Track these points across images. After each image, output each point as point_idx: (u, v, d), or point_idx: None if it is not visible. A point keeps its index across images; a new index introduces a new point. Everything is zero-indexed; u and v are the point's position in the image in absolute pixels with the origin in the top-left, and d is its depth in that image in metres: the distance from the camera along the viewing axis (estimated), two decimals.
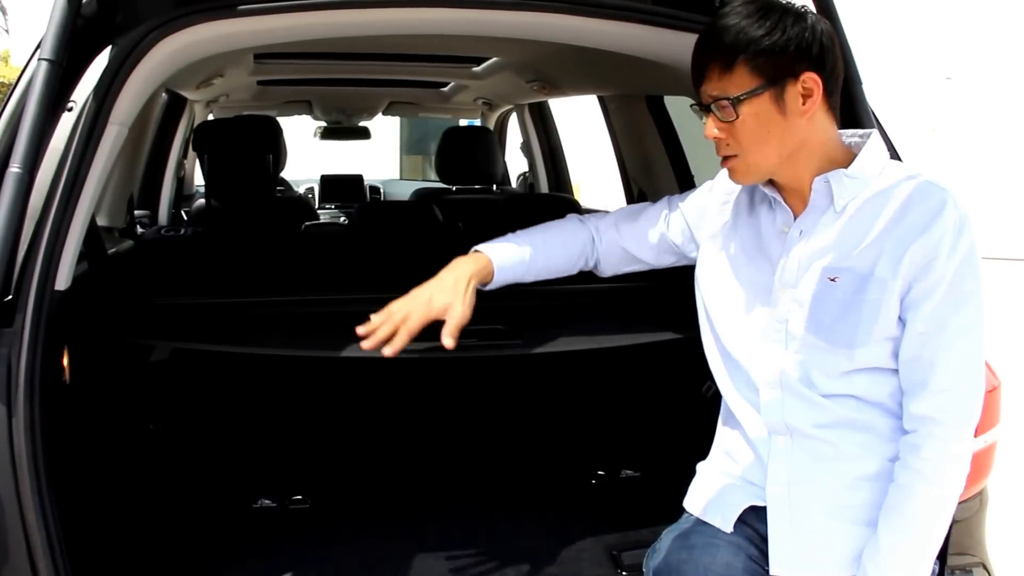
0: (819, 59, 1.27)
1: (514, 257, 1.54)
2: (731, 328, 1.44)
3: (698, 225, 1.54)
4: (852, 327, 1.29)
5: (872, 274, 1.27)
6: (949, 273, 1.25)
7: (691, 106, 1.37)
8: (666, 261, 1.61)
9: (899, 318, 1.28)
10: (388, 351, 1.41)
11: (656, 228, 1.59)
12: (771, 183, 1.39)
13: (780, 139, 1.29)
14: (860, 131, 1.38)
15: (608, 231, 1.61)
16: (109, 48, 1.41)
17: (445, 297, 1.44)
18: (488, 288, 1.53)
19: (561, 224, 1.62)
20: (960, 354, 1.27)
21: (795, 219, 1.36)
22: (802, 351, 1.34)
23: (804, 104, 1.27)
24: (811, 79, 1.27)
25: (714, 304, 1.48)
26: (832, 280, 1.30)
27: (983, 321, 1.28)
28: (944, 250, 1.24)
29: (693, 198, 1.57)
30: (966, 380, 1.28)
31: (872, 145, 1.33)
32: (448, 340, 1.42)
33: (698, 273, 1.52)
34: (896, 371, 1.31)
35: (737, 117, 1.28)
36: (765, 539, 1.37)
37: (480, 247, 1.54)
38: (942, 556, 1.32)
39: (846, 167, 1.31)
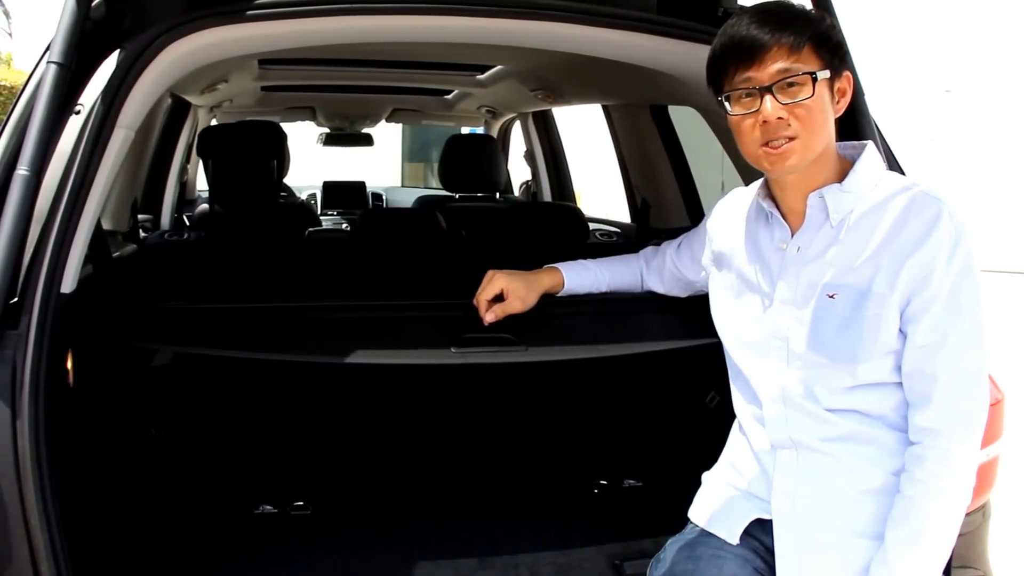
0: (851, 65, 1.29)
1: (579, 266, 1.74)
2: (735, 344, 1.44)
3: (705, 254, 1.58)
4: (853, 343, 1.28)
5: (870, 290, 1.27)
6: (947, 285, 1.24)
7: (719, 98, 1.30)
8: (693, 291, 1.69)
9: (900, 331, 1.28)
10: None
11: (675, 267, 1.68)
12: (770, 196, 1.38)
13: (828, 130, 1.28)
14: (854, 143, 1.37)
15: (650, 264, 1.75)
16: (117, 52, 1.41)
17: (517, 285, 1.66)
18: (560, 295, 1.73)
19: (625, 256, 1.80)
20: (963, 366, 1.26)
21: (792, 235, 1.36)
22: (804, 368, 1.33)
23: (838, 103, 1.28)
24: (848, 80, 1.28)
25: (720, 320, 1.49)
26: (831, 297, 1.30)
27: (984, 332, 1.28)
28: (941, 263, 1.23)
29: (698, 232, 1.61)
30: (970, 392, 1.27)
31: (867, 157, 1.32)
32: (490, 316, 1.64)
33: (709, 290, 1.54)
34: (899, 384, 1.30)
35: (813, 94, 1.24)
36: (771, 552, 1.36)
37: (554, 264, 1.74)
38: (946, 569, 1.31)
39: (841, 180, 1.31)
